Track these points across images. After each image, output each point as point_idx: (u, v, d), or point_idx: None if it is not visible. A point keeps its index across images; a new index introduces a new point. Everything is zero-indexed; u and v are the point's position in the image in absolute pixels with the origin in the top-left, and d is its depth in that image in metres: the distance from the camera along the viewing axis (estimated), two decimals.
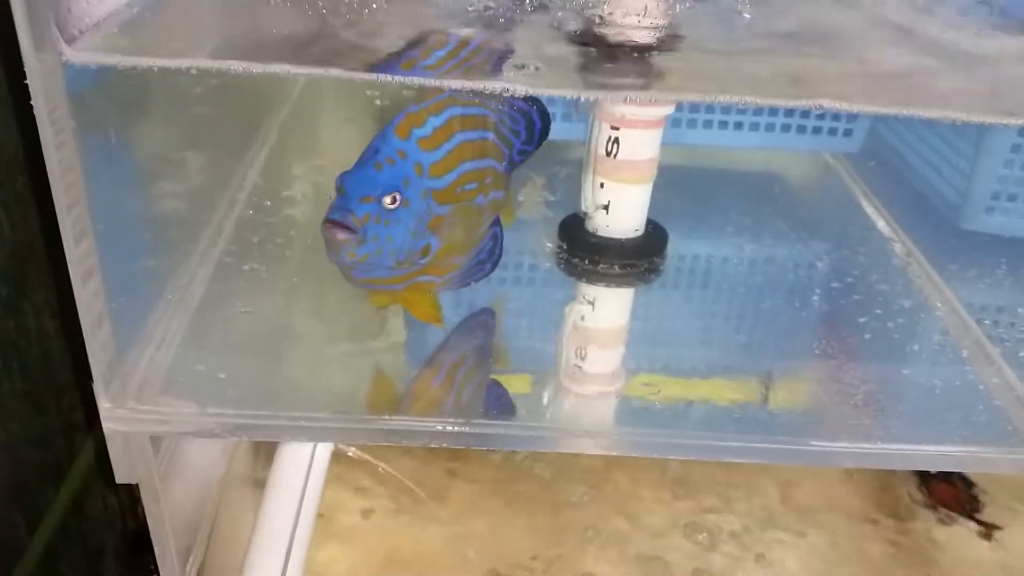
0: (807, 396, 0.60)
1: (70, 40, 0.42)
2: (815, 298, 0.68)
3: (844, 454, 0.53)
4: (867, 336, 0.63)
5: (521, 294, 0.68)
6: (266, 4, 0.44)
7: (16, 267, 0.86)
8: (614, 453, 0.52)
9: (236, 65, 0.42)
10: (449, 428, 0.53)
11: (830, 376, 0.60)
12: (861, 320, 0.64)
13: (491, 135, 0.57)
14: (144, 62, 0.43)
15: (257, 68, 0.42)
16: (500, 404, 0.57)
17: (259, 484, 0.71)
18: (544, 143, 0.62)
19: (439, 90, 0.52)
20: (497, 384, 0.59)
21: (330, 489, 0.71)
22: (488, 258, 0.61)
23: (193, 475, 0.64)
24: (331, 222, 0.49)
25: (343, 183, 0.50)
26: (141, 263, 0.59)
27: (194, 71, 0.42)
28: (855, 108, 0.44)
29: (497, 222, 0.61)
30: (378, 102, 0.71)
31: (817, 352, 0.62)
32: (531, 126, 0.60)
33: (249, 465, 0.75)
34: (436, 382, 0.58)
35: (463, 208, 0.55)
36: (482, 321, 0.65)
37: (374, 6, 0.46)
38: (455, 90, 0.52)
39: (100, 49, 0.43)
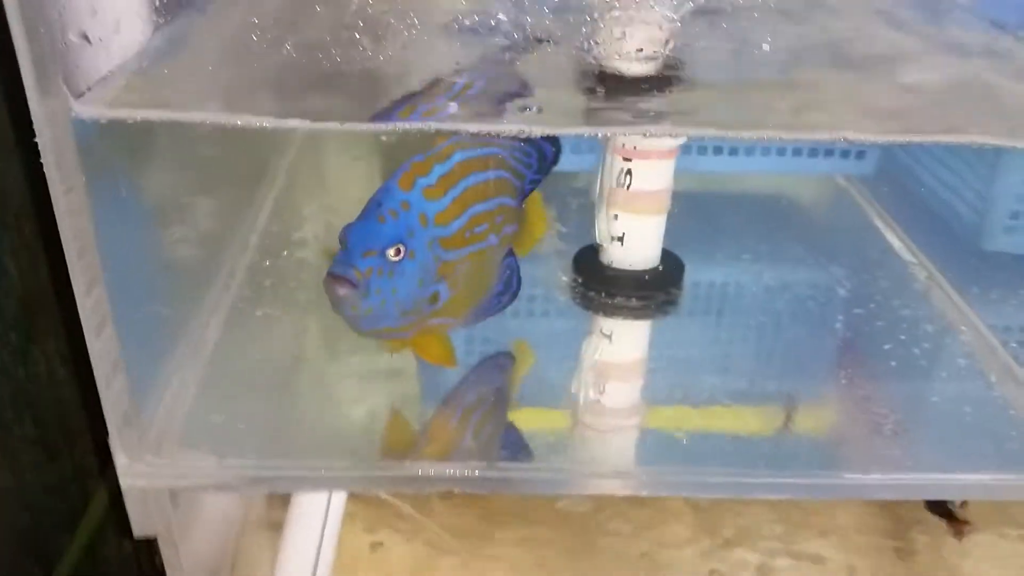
0: (835, 427, 0.59)
1: (78, 95, 0.41)
2: (837, 325, 0.66)
3: (878, 486, 0.52)
4: (892, 363, 0.62)
5: (537, 329, 0.68)
6: (279, 53, 0.44)
7: (25, 314, 0.85)
8: (643, 493, 0.51)
9: (247, 119, 0.41)
10: (469, 473, 0.52)
11: (857, 405, 0.59)
12: (885, 346, 0.63)
13: (500, 173, 0.56)
14: (153, 115, 0.43)
15: (268, 123, 0.42)
16: (521, 446, 0.56)
17: (276, 527, 0.70)
18: (555, 174, 0.61)
19: (444, 136, 0.52)
20: (516, 425, 0.58)
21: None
22: (506, 290, 0.60)
23: (212, 523, 0.63)
24: (333, 276, 0.48)
25: (346, 236, 0.49)
26: (153, 310, 0.58)
27: (207, 125, 0.41)
28: (880, 140, 0.43)
29: (510, 253, 0.61)
30: (384, 138, 0.71)
31: (843, 381, 0.61)
32: (542, 157, 0.59)
33: (266, 508, 0.74)
34: (454, 426, 0.57)
35: (473, 254, 0.55)
36: (498, 360, 0.64)
37: (389, 54, 0.46)
38: (459, 136, 0.52)
39: (109, 103, 0.42)
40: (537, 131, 0.43)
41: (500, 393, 0.61)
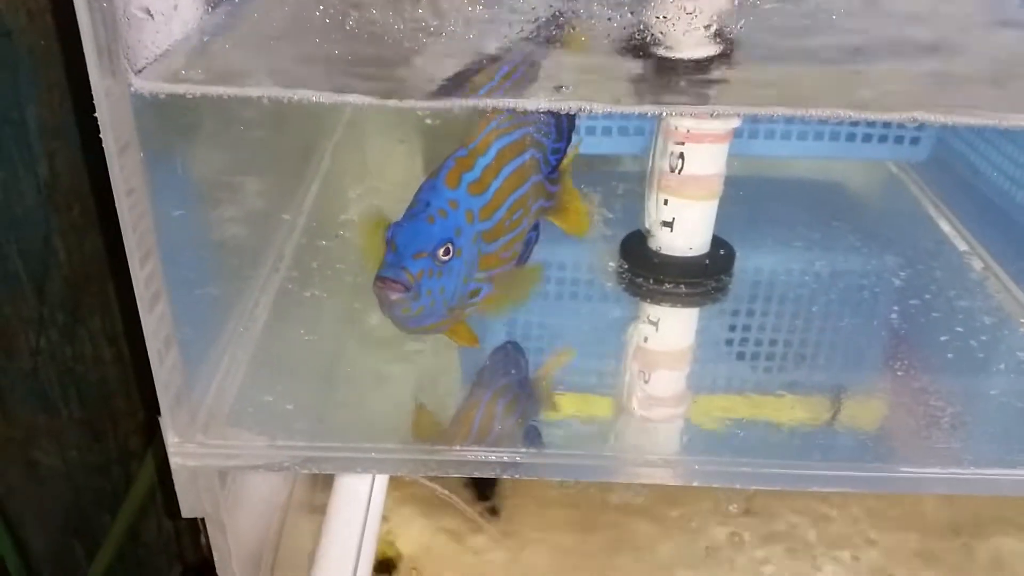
0: (890, 419, 0.58)
1: (138, 70, 0.41)
2: (891, 315, 0.65)
3: (935, 480, 0.51)
4: (948, 355, 0.60)
5: (583, 314, 0.67)
6: (341, 29, 0.43)
7: (72, 294, 0.86)
8: (694, 483, 0.50)
9: (304, 95, 0.41)
10: (519, 459, 0.51)
11: (912, 397, 0.57)
12: (942, 338, 0.61)
13: (531, 153, 0.56)
14: (211, 91, 0.42)
15: (325, 98, 0.41)
16: (567, 432, 0.55)
17: (319, 510, 0.70)
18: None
19: (486, 120, 0.51)
20: (562, 412, 0.57)
21: None
22: (519, 262, 0.60)
23: (258, 504, 0.63)
24: (384, 280, 0.47)
25: (394, 238, 0.48)
26: (204, 288, 0.58)
27: (266, 100, 0.41)
28: (952, 121, 0.42)
29: (536, 227, 0.60)
30: (428, 121, 0.70)
31: (898, 372, 0.59)
32: (559, 124, 0.58)
33: (309, 491, 0.74)
34: (499, 411, 0.57)
35: (509, 242, 0.54)
36: (544, 347, 0.64)
37: (451, 29, 0.45)
38: (495, 123, 0.51)
39: (167, 78, 0.42)
40: (598, 109, 0.42)
41: (546, 379, 0.60)
